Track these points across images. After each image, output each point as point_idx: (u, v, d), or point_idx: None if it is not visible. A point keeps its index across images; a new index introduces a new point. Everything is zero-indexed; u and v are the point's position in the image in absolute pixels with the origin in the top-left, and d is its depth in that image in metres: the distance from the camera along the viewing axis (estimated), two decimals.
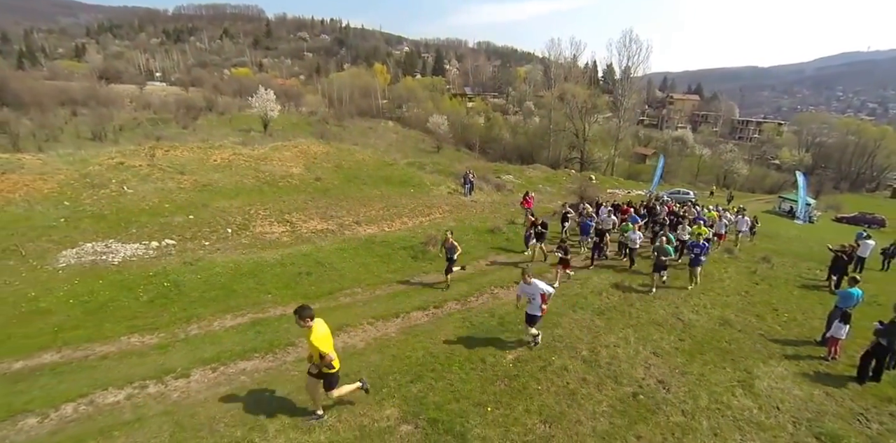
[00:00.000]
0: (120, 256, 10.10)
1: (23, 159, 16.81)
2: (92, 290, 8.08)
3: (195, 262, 9.62)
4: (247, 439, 4.55)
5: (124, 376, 5.64)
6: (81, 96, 48.69)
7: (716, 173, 54.82)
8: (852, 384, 6.86)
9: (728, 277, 12.52)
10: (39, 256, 9.95)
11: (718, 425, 5.55)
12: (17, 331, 6.74)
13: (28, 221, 11.55)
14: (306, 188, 18.00)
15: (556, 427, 5.22)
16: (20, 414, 4.88)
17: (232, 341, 6.63)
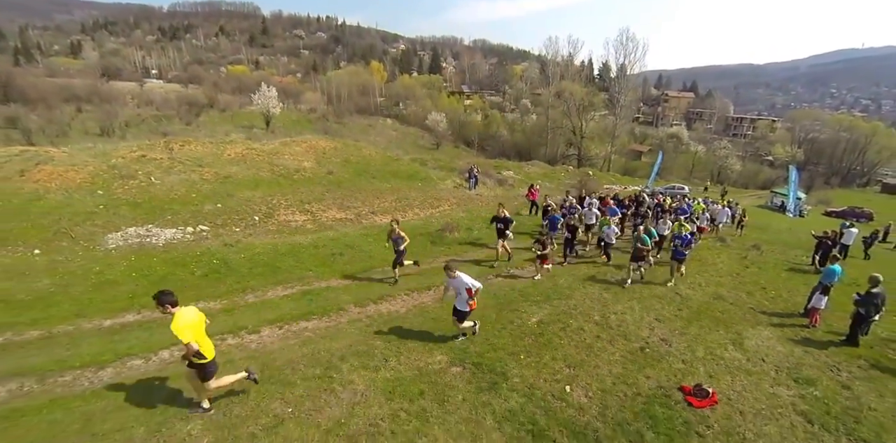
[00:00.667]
0: (162, 239, 10.98)
1: (50, 152, 17.61)
2: (149, 265, 8.97)
3: (234, 244, 10.52)
4: (326, 375, 5.47)
5: (231, 326, 6.58)
6: (84, 93, 49.19)
7: (710, 169, 56.15)
8: (829, 346, 7.86)
9: (721, 261, 13.53)
10: (88, 238, 10.81)
11: (713, 371, 6.52)
12: (96, 297, 7.63)
13: (70, 207, 12.38)
14: (320, 181, 18.86)
15: (579, 370, 6.19)
16: (126, 357, 5.79)
17: (288, 306, 7.57)
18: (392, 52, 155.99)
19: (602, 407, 5.47)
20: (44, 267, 8.95)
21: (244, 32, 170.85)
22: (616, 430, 5.06)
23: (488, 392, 5.49)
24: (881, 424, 5.68)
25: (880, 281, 7.99)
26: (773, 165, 67.07)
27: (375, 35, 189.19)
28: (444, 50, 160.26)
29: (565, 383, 5.89)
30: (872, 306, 7.74)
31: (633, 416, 5.34)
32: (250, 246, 10.26)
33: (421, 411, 5.01)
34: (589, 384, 5.93)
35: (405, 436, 4.58)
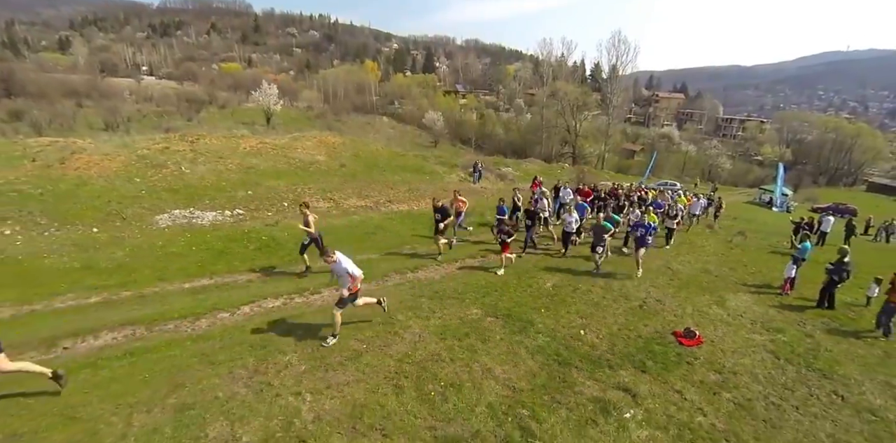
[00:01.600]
0: (206, 220, 12.17)
1: (78, 143, 18.65)
2: (205, 240, 10.16)
3: (275, 224, 11.74)
4: (387, 322, 6.74)
5: (272, 292, 7.78)
6: (84, 88, 49.74)
7: (701, 168, 58.10)
8: (798, 308, 9.30)
9: (708, 244, 15.02)
10: (139, 218, 11.97)
11: (699, 322, 7.89)
12: (168, 265, 8.83)
13: (115, 192, 13.50)
14: (335, 173, 20.08)
15: (590, 320, 7.54)
16: (214, 310, 6.99)
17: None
18: (385, 51, 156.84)
19: (611, 345, 6.82)
20: (109, 242, 10.11)
21: (236, 30, 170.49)
22: (623, 360, 6.39)
23: (520, 334, 6.82)
24: (835, 359, 7.09)
25: (848, 252, 9.47)
26: (762, 165, 69.31)
27: (368, 34, 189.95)
28: (437, 49, 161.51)
29: (580, 329, 7.24)
30: (845, 273, 9.18)
31: (636, 351, 6.68)
32: (290, 226, 11.48)
33: (469, 346, 6.31)
34: (599, 330, 7.28)
35: (461, 362, 5.87)
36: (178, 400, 4.65)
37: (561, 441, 4.43)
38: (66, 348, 5.81)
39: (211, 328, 6.45)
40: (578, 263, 10.98)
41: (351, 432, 4.28)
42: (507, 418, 4.70)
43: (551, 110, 55.89)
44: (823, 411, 5.57)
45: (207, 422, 4.32)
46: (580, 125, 54.02)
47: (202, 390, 4.82)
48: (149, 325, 6.48)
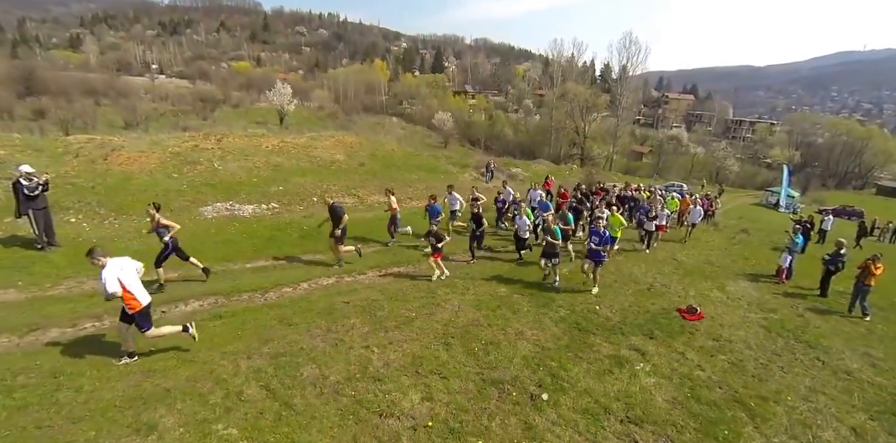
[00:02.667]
0: (246, 212, 13.36)
1: (113, 140, 19.90)
2: (253, 229, 11.35)
3: (310, 216, 12.89)
4: (429, 296, 7.87)
5: (324, 273, 8.94)
6: (102, 87, 51.29)
7: (709, 170, 58.83)
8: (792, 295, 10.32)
9: (712, 240, 16.09)
10: (184, 210, 13.18)
11: (701, 302, 8.92)
12: (227, 249, 10.01)
13: (158, 185, 14.72)
14: (355, 171, 21.23)
15: (603, 298, 8.65)
16: (278, 286, 8.15)
17: (381, 258, 10.06)
18: (394, 50, 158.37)
19: (623, 317, 7.90)
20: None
21: (245, 28, 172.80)
22: (633, 328, 7.47)
23: (544, 307, 7.92)
24: (822, 334, 8.16)
25: (844, 245, 10.54)
26: (770, 168, 69.97)
27: (377, 33, 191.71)
28: (446, 49, 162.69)
29: (595, 304, 8.33)
30: (840, 263, 10.22)
31: (645, 322, 7.77)
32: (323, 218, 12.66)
33: (502, 315, 7.42)
34: (612, 306, 8.37)
35: (498, 326, 6.98)
36: (270, 350, 5.78)
37: (584, 385, 5.52)
38: (164, 311, 6.96)
39: (279, 299, 7.60)
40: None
41: (415, 375, 5.39)
42: (539, 368, 5.80)
43: (561, 111, 56.89)
44: (805, 371, 6.64)
45: (299, 365, 5.44)
46: (589, 127, 55.00)
47: (288, 343, 5.95)
48: (227, 295, 7.64)
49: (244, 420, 4.38)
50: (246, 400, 4.67)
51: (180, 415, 4.47)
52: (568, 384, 5.47)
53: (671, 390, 5.64)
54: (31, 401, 4.62)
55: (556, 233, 8.86)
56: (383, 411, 4.58)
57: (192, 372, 5.24)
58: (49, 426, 4.27)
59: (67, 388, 4.88)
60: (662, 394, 5.52)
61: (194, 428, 4.30)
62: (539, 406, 4.95)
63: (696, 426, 4.93)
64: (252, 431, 4.25)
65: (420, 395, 4.92)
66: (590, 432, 4.61)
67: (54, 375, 5.09)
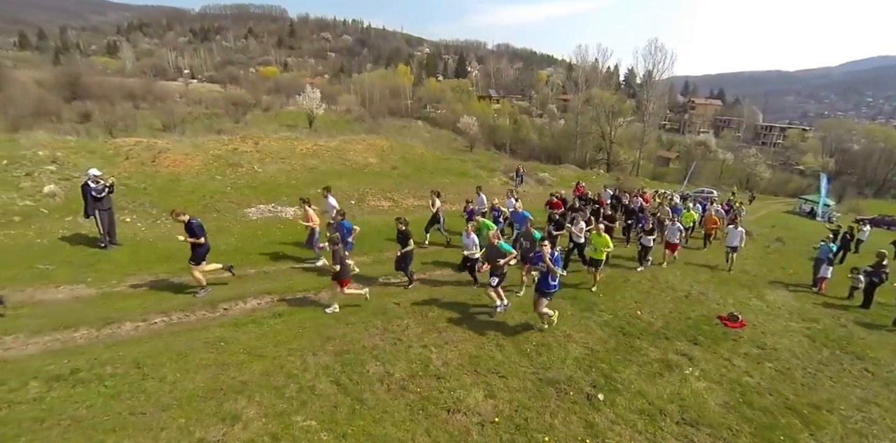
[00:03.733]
0: (288, 213, 13.85)
1: (158, 143, 20.76)
2: (297, 231, 11.76)
3: (352, 219, 13.28)
4: (474, 298, 8.14)
5: (372, 274, 9.33)
6: (140, 91, 53.24)
7: (738, 177, 57.66)
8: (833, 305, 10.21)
9: (746, 249, 15.68)
10: (231, 211, 13.75)
11: (741, 311, 8.95)
12: (276, 249, 10.47)
13: (204, 187, 15.37)
14: (388, 174, 21.67)
15: (643, 304, 8.76)
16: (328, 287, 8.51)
17: (425, 257, 10.35)
18: (417, 55, 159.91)
19: (665, 323, 8.01)
20: (217, 230, 11.82)
21: (272, 34, 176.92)
22: (677, 334, 7.58)
23: (587, 311, 8.09)
24: (868, 345, 8.10)
25: (885, 256, 10.42)
26: (803, 174, 68.12)
27: (401, 38, 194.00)
28: (469, 54, 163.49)
29: (636, 310, 8.45)
30: (883, 275, 10.11)
31: (687, 328, 7.86)
32: (366, 221, 13.07)
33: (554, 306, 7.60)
34: (652, 312, 8.48)
35: (546, 328, 7.18)
36: (334, 347, 6.10)
37: (637, 387, 5.69)
38: (226, 308, 7.38)
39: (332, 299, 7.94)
40: (626, 261, 12.14)
41: (474, 374, 5.64)
42: (591, 369, 5.99)
43: (586, 117, 56.63)
44: (854, 382, 6.65)
45: (364, 362, 5.74)
46: (615, 132, 54.61)
47: (350, 341, 6.27)
48: (282, 294, 8.03)
49: (320, 413, 4.69)
50: (319, 394, 4.99)
51: (260, 406, 4.81)
52: (621, 386, 5.64)
53: (722, 394, 5.76)
54: (122, 389, 5.03)
55: (501, 247, 7.48)
56: (450, 407, 4.84)
57: (264, 367, 5.59)
58: (142, 413, 4.66)
59: (152, 378, 5.28)
60: (714, 398, 5.64)
61: (275, 419, 4.63)
62: (596, 406, 5.14)
63: (751, 430, 5.05)
64: (329, 423, 4.55)
65: (483, 393, 5.17)
66: (648, 432, 4.78)
67: (137, 365, 5.50)
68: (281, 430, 4.47)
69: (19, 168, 14.26)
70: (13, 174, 13.96)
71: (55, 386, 4.98)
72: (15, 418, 4.43)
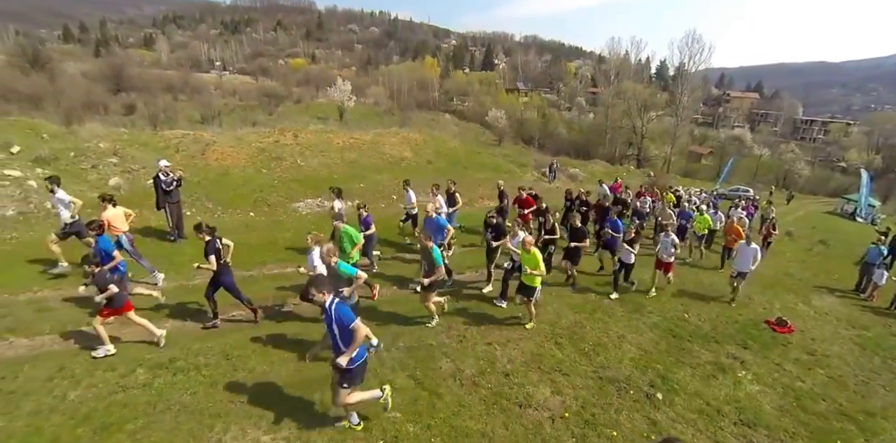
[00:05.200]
0: (335, 209, 14.34)
1: (204, 136, 21.55)
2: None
3: (396, 215, 13.75)
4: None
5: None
6: (178, 83, 54.87)
7: (775, 174, 55.97)
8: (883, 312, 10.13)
9: (788, 251, 15.66)
10: (280, 205, 14.38)
11: (788, 316, 8.99)
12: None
13: (253, 181, 16.04)
14: (424, 169, 22.05)
15: (690, 307, 8.93)
16: (386, 284, 8.95)
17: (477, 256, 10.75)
18: (444, 47, 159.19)
19: (713, 326, 8.18)
20: (271, 224, 12.47)
21: (301, 27, 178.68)
22: (726, 338, 7.74)
23: (636, 313, 8.32)
24: None
25: None
26: (845, 172, 65.62)
27: (427, 30, 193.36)
28: (496, 46, 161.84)
29: (683, 312, 8.63)
30: None
31: (736, 332, 8.02)
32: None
33: (600, 319, 7.88)
34: (699, 315, 8.64)
35: (599, 329, 7.46)
36: (404, 344, 6.47)
37: (692, 388, 5.94)
38: (295, 304, 7.85)
39: (393, 296, 8.39)
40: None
41: (539, 371, 5.98)
42: (647, 369, 6.27)
43: (616, 110, 55.75)
44: None
45: (436, 359, 6.12)
46: (646, 126, 53.66)
47: (418, 339, 6.64)
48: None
49: (403, 405, 5.07)
50: (399, 388, 5.38)
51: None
52: (678, 386, 5.90)
53: (776, 398, 5.96)
54: (217, 378, 5.50)
55: (435, 258, 6.71)
56: (521, 402, 5.21)
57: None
58: (241, 401, 5.10)
59: (241, 369, 5.73)
60: (769, 401, 5.85)
61: (361, 411, 5.02)
62: (656, 404, 5.43)
63: (807, 434, 5.26)
64: (413, 415, 4.95)
65: (549, 389, 5.52)
66: (709, 431, 5.05)
67: (227, 356, 5.96)
68: (372, 418, 4.86)
69: (85, 160, 15.12)
70: (80, 166, 14.83)
71: (159, 373, 5.48)
72: (131, 402, 4.94)
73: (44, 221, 11.68)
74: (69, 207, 8.18)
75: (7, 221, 11.15)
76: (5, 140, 15.24)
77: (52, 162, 14.46)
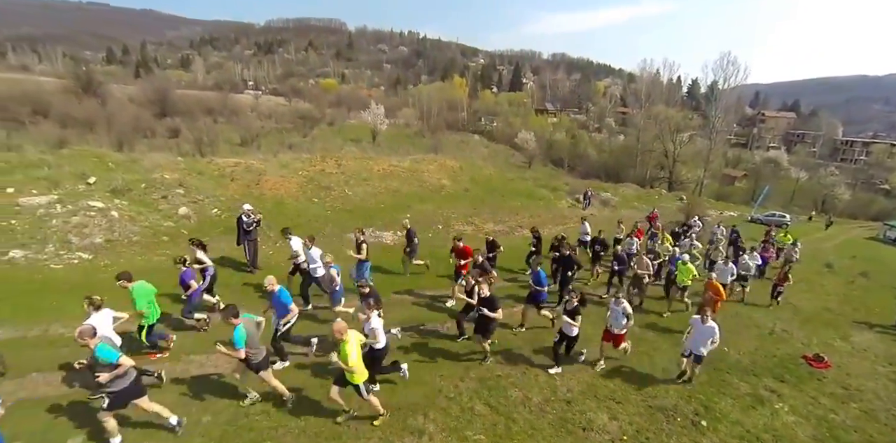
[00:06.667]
0: (387, 239, 15.71)
1: (253, 164, 23.33)
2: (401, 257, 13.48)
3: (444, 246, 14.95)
4: None
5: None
6: (217, 105, 58.25)
7: (813, 198, 55.27)
8: None
9: (827, 283, 16.09)
10: (335, 236, 15.72)
11: (825, 352, 9.69)
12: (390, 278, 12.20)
13: (307, 211, 17.55)
14: (462, 197, 23.32)
15: (729, 341, 9.66)
16: (451, 319, 10.09)
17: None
18: (472, 66, 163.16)
19: (752, 360, 8.99)
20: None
21: (331, 46, 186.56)
22: (764, 371, 8.54)
23: (678, 346, 9.07)
24: None
25: None
26: (888, 195, 64.30)
27: (455, 49, 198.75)
28: (524, 64, 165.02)
29: (722, 346, 9.41)
30: None
31: (773, 366, 8.80)
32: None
33: (645, 352, 8.80)
34: (738, 348, 9.45)
35: (646, 360, 8.38)
36: (476, 375, 7.50)
37: (733, 417, 6.82)
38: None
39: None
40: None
41: (595, 399, 6.97)
42: (691, 399, 7.18)
43: (647, 133, 56.41)
44: None
45: (505, 388, 7.15)
46: (679, 149, 54.08)
47: (486, 369, 7.65)
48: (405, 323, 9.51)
49: (484, 429, 6.11)
50: (478, 414, 6.43)
51: (436, 423, 6.20)
52: (720, 415, 6.80)
53: (810, 428, 6.78)
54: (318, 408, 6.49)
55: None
56: (584, 426, 6.21)
57: (426, 390, 6.99)
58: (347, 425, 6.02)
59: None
60: (803, 431, 6.68)
61: (452, 433, 6.01)
62: (702, 431, 6.35)
63: None
64: (495, 437, 5.99)
65: (607, 415, 6.52)
66: None
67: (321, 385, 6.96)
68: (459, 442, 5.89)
69: (155, 191, 16.87)
70: (151, 196, 16.57)
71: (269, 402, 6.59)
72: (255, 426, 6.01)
73: (129, 248, 13.35)
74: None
75: (97, 248, 12.74)
76: (80, 170, 17.17)
77: (127, 193, 16.23)
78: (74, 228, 12.69)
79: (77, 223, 12.87)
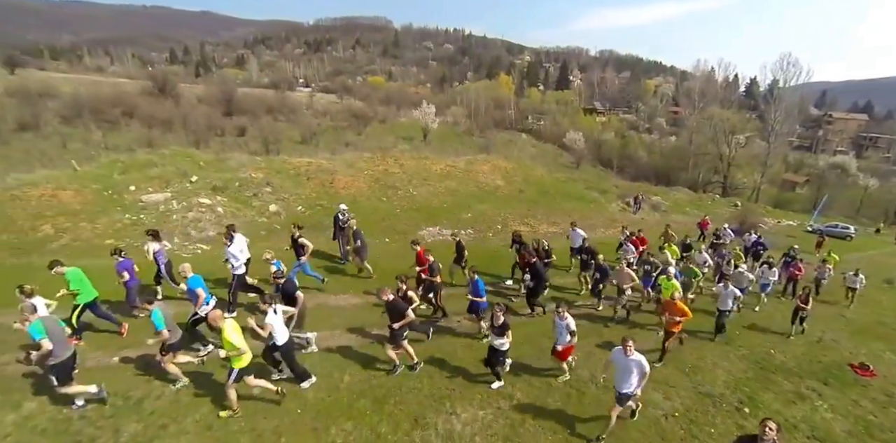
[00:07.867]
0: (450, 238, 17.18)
1: (323, 163, 25.32)
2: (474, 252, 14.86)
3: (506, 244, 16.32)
4: (626, 330, 10.67)
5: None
6: (276, 104, 61.54)
7: (884, 208, 52.47)
8: None
9: (885, 299, 16.27)
10: (408, 232, 17.32)
11: (872, 363, 10.37)
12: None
13: (379, 210, 19.31)
14: (517, 198, 24.55)
15: (776, 346, 10.60)
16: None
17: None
18: (518, 63, 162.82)
19: (797, 364, 9.89)
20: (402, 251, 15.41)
21: (377, 44, 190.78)
22: (809, 374, 9.44)
23: (727, 345, 10.26)
24: None
25: None
26: None
27: (500, 46, 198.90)
28: (571, 61, 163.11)
29: (769, 349, 10.40)
30: None
31: (818, 370, 9.67)
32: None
33: (694, 348, 9.92)
34: (785, 352, 10.36)
35: (695, 355, 9.51)
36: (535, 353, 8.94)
37: (775, 409, 7.87)
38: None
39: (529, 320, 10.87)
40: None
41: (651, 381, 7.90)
42: (736, 390, 8.29)
43: (701, 136, 55.41)
44: None
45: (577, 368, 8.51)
46: (734, 152, 52.87)
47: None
48: None
49: (560, 400, 7.53)
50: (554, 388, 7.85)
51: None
52: (762, 405, 7.89)
53: (847, 424, 7.75)
54: (432, 372, 8.14)
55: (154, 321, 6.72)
56: (644, 403, 7.48)
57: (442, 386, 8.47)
58: (453, 389, 7.68)
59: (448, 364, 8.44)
60: (840, 426, 7.66)
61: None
62: (744, 415, 7.49)
63: None
64: (568, 405, 7.40)
65: (661, 395, 7.77)
66: (785, 439, 7.02)
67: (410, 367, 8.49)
68: (510, 430, 7.17)
69: (247, 189, 19.06)
70: (245, 194, 18.78)
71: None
72: (384, 385, 7.59)
73: None
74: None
75: (211, 240, 14.87)
76: (182, 169, 19.61)
77: (224, 190, 18.48)
78: (191, 222, 14.92)
79: (193, 218, 15.10)
